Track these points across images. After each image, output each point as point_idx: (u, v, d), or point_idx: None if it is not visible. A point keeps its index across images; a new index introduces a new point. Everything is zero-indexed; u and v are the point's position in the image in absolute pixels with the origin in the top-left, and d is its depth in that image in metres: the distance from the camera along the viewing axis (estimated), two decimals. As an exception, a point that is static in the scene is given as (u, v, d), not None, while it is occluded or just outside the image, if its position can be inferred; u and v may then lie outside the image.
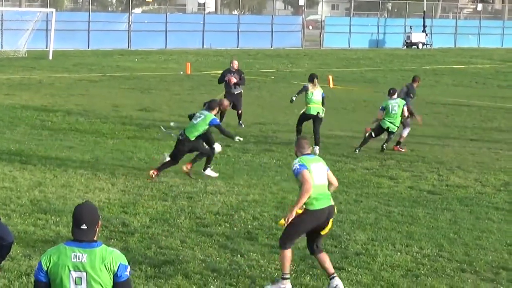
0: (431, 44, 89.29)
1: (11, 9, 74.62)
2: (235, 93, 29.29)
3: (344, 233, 15.96)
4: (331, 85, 44.17)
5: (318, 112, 25.19)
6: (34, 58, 56.30)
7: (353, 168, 22.47)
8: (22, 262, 13.49)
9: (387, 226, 16.69)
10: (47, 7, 69.26)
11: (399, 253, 14.85)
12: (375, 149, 25.05)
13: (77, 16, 74.47)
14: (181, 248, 14.70)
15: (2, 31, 66.39)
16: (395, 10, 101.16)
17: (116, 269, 7.55)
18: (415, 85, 27.90)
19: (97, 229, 7.71)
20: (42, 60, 55.83)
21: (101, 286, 7.55)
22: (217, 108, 20.57)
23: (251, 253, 14.52)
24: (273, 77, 50.25)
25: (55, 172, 20.62)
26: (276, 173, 21.41)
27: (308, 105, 25.29)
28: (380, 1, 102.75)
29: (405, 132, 25.64)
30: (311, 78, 25.66)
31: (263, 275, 13.41)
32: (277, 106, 35.41)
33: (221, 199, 18.37)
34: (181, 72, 50.14)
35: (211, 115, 20.05)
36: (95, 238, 7.66)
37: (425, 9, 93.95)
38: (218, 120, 20.26)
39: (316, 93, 25.33)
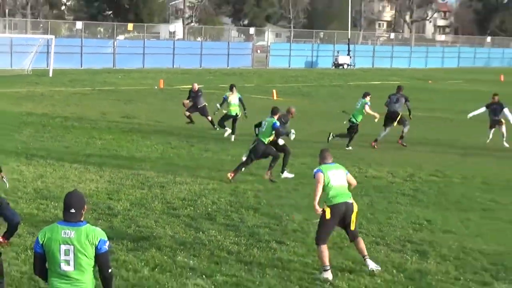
0: (354, 65, 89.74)
1: (19, 36, 73.97)
2: (199, 106, 29.28)
3: (284, 214, 16.06)
4: (275, 97, 44.28)
5: (236, 113, 27.40)
6: (37, 75, 55.87)
7: (292, 163, 22.52)
8: (27, 238, 13.45)
9: (318, 208, 16.79)
10: (48, 34, 68.73)
11: (327, 230, 14.95)
12: (313, 148, 25.17)
13: (72, 42, 73.85)
14: (155, 226, 14.72)
15: (11, 53, 65.74)
16: (326, 38, 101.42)
17: (97, 243, 7.62)
18: (401, 92, 27.96)
19: (83, 212, 7.80)
20: (44, 77, 55.40)
21: (86, 256, 7.61)
22: (278, 114, 20.21)
23: (211, 230, 14.56)
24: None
25: (54, 167, 20.54)
26: (231, 167, 21.43)
27: (229, 108, 27.47)
28: (314, 30, 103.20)
29: (406, 129, 26.70)
30: (231, 87, 28.26)
31: (220, 247, 13.46)
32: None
33: (187, 187, 18.40)
34: (156, 87, 49.98)
35: (274, 119, 19.79)
36: (81, 219, 7.75)
37: (349, 37, 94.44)
38: (279, 124, 19.92)
39: (233, 98, 27.63)
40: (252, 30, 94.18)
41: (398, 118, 26.45)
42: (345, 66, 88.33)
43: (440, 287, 11.84)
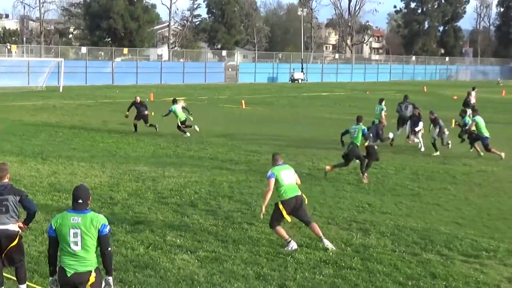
0: (307, 80, 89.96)
1: (35, 59, 73.20)
2: (142, 114, 29.27)
3: (253, 201, 15.97)
4: (243, 106, 44.20)
5: (185, 119, 28.29)
6: (50, 91, 55.33)
7: (258, 159, 22.49)
8: (43, 224, 13.26)
9: (280, 196, 16.75)
10: (58, 57, 68.14)
11: (288, 213, 14.91)
12: (273, 145, 25.09)
13: (78, 63, 73.26)
14: (148, 213, 14.58)
15: (28, 73, 65.09)
16: (284, 58, 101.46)
17: (99, 227, 7.65)
18: (408, 100, 28.32)
19: (89, 202, 7.85)
20: (55, 92, 54.89)
21: (90, 238, 7.61)
22: (362, 120, 20.12)
23: (194, 215, 14.45)
24: (206, 101, 50.07)
25: (64, 165, 20.30)
26: (209, 163, 21.34)
27: (179, 116, 28.15)
28: (274, 52, 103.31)
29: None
30: (175, 100, 29.15)
31: (201, 228, 13.36)
32: (210, 121, 35.29)
33: (174, 180, 18.25)
34: (147, 99, 49.66)
35: (362, 127, 19.63)
36: (87, 208, 7.77)
37: (302, 58, 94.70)
38: (367, 130, 19.75)
39: (178, 108, 28.44)
40: (224, 53, 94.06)
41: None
42: (300, 81, 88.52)
43: (380, 258, 11.83)
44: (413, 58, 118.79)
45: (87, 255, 7.61)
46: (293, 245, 12.06)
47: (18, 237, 9.33)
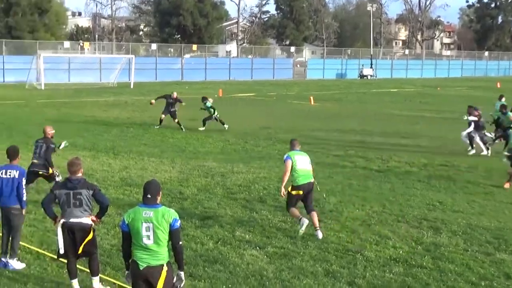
0: (376, 76, 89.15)
1: (106, 56, 74.80)
2: (172, 110, 29.39)
3: (322, 197, 15.91)
4: (312, 103, 44.08)
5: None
6: (121, 87, 56.38)
7: (327, 156, 22.41)
8: (115, 217, 13.52)
9: (349, 193, 16.66)
10: (129, 54, 69.35)
11: (357, 210, 14.81)
12: (342, 142, 24.97)
13: (148, 60, 74.45)
14: (217, 208, 14.69)
15: (100, 70, 66.50)
16: (352, 54, 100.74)
17: (171, 221, 7.71)
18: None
19: (159, 197, 7.91)
20: (127, 88, 55.90)
21: (162, 232, 7.68)
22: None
23: (262, 211, 14.50)
24: (275, 98, 50.14)
25: (135, 160, 20.65)
26: (278, 160, 21.35)
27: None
28: (343, 48, 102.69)
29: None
30: (204, 98, 29.73)
31: (270, 224, 13.39)
32: (278, 117, 35.34)
33: (243, 176, 18.34)
34: (216, 95, 50.05)
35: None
36: (158, 202, 7.85)
37: (371, 53, 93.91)
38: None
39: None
40: (292, 49, 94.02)
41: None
42: (369, 77, 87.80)
43: (451, 257, 11.63)
44: (486, 53, 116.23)
45: (159, 249, 7.69)
46: (305, 221, 12.58)
47: (91, 230, 9.53)
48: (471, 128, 23.59)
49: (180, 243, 7.78)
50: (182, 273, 7.89)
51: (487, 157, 22.91)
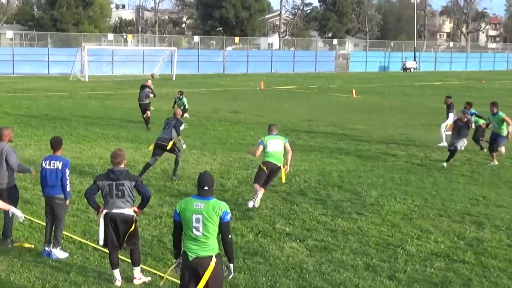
0: (419, 69, 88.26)
1: (149, 48, 75.40)
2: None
3: (363, 191, 15.85)
4: (354, 95, 43.85)
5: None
6: (163, 79, 56.67)
7: (368, 149, 22.29)
8: (157, 209, 13.65)
9: (391, 186, 16.55)
10: (172, 46, 69.80)
11: (398, 204, 14.71)
12: (384, 135, 24.79)
13: (191, 52, 74.79)
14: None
15: (143, 62, 67.08)
16: (396, 47, 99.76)
17: (221, 214, 7.72)
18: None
19: (213, 189, 7.93)
20: (169, 80, 56.22)
21: (212, 224, 7.69)
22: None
23: (303, 204, 14.49)
24: (316, 90, 50.00)
25: (177, 152, 20.78)
26: (319, 152, 21.30)
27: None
28: (386, 41, 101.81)
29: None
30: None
31: (311, 217, 13.38)
32: (320, 109, 35.24)
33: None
34: (257, 88, 50.12)
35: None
36: (211, 194, 7.87)
37: (415, 46, 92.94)
38: None
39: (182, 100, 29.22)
40: (335, 41, 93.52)
41: None
42: (412, 70, 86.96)
43: (494, 252, 11.48)
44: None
45: (208, 240, 7.72)
46: (259, 194, 13.95)
47: (133, 221, 9.64)
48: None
49: (230, 236, 7.80)
50: (231, 265, 7.94)
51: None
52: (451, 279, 10.19)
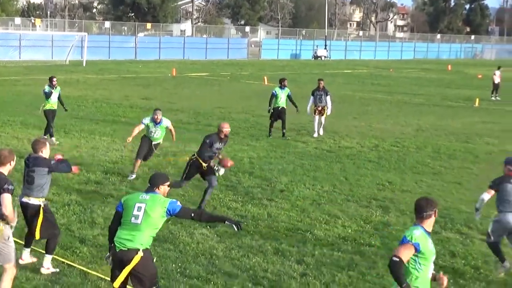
0: (330, 57, 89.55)
1: (58, 33, 73.58)
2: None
3: (273, 177, 16.02)
4: (266, 83, 44.11)
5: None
6: (73, 65, 55.57)
7: (280, 135, 22.50)
8: (65, 196, 13.41)
9: (300, 172, 16.78)
10: (82, 32, 68.44)
11: (308, 190, 14.95)
12: (295, 122, 25.06)
13: (101, 38, 73.41)
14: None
15: (52, 47, 65.42)
16: (307, 35, 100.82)
17: (167, 205, 7.57)
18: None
19: (160, 188, 7.75)
20: (79, 66, 55.11)
21: (153, 216, 7.54)
22: None
23: (213, 190, 14.47)
24: (229, 77, 50.05)
25: (87, 139, 20.47)
26: (230, 139, 21.31)
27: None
28: (297, 29, 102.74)
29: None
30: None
31: (221, 204, 13.39)
32: (232, 96, 35.31)
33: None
34: (169, 75, 49.78)
35: None
36: (158, 192, 7.71)
37: (326, 34, 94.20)
38: None
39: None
40: (247, 29, 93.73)
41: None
42: (323, 58, 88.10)
43: (399, 235, 11.76)
44: (438, 36, 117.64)
45: (142, 232, 7.52)
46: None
47: (42, 210, 9.42)
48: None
49: (193, 214, 7.72)
50: (229, 222, 7.99)
51: (437, 138, 23.24)
52: (357, 262, 10.44)
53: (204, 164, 13.00)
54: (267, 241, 11.22)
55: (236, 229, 7.92)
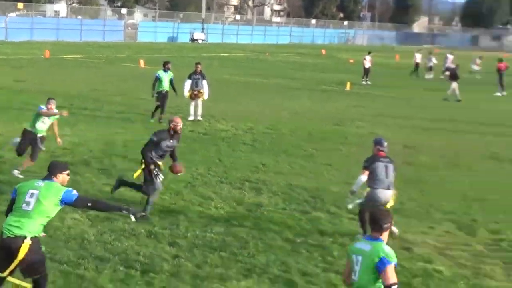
0: (207, 40, 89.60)
1: None
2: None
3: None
4: (142, 66, 43.63)
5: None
6: None
7: (155, 119, 22.34)
8: None
9: (175, 155, 16.76)
10: None
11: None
12: (168, 107, 24.96)
13: (-31, 17, 70.35)
14: (39, 171, 14.23)
15: None
16: (185, 18, 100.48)
17: (62, 195, 7.45)
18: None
19: (58, 176, 7.72)
20: None
21: (45, 204, 7.38)
22: None
23: (86, 174, 14.21)
24: (104, 60, 49.08)
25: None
26: (105, 122, 20.98)
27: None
28: (175, 12, 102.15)
29: None
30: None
31: (94, 188, 13.19)
32: (107, 79, 34.68)
33: (68, 139, 17.82)
34: (42, 56, 48.25)
35: None
36: (55, 180, 7.63)
37: (203, 18, 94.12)
38: None
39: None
40: (124, 11, 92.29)
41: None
42: (200, 41, 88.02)
43: (271, 216, 12.09)
44: (313, 21, 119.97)
45: (32, 220, 7.30)
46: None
47: None
48: None
49: (90, 204, 7.73)
50: (126, 213, 8.14)
51: (310, 122, 23.79)
52: (229, 243, 10.59)
53: (152, 167, 11.69)
54: (140, 224, 11.14)
55: (133, 219, 7.96)
